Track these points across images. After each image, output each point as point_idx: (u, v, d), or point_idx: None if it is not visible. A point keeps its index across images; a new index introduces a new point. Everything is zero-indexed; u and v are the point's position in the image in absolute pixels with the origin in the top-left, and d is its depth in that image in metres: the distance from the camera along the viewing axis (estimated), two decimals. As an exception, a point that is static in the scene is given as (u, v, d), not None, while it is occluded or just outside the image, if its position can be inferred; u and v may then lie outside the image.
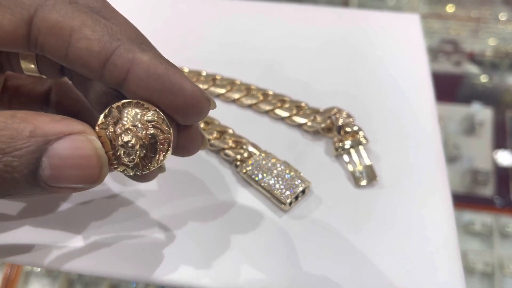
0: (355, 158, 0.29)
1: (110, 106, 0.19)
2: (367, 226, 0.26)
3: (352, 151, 0.29)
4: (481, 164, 0.61)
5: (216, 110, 0.24)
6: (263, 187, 0.27)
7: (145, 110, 0.19)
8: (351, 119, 0.30)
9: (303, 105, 0.32)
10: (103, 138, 0.19)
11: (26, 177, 0.17)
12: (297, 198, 0.27)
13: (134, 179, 0.22)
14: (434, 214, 0.26)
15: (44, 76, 0.22)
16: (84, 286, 0.49)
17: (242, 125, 0.31)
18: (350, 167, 0.29)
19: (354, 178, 0.28)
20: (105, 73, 0.18)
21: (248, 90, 0.33)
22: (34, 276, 0.50)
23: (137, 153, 0.19)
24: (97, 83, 0.21)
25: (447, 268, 0.24)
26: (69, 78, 0.23)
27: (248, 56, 0.37)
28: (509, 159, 0.62)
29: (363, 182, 0.28)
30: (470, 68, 0.71)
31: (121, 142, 0.19)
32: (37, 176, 0.17)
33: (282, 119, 0.32)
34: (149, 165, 0.19)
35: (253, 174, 0.27)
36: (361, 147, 0.29)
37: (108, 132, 0.19)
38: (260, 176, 0.27)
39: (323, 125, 0.30)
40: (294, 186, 0.26)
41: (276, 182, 0.27)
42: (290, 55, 0.37)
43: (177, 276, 0.24)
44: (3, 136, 0.16)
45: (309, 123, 0.31)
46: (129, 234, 0.25)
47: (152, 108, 0.19)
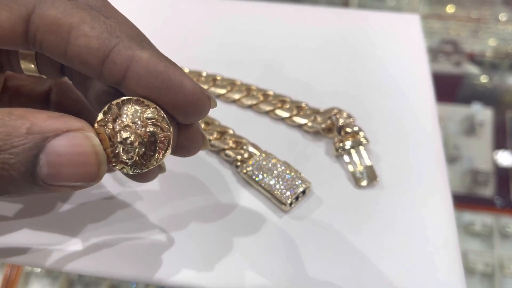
0: (356, 158, 0.29)
1: (110, 103, 0.18)
2: (368, 226, 0.26)
3: (352, 152, 0.29)
4: (481, 164, 0.61)
5: (216, 111, 0.23)
6: (264, 188, 0.27)
7: (144, 107, 0.18)
8: (352, 120, 0.30)
9: (304, 105, 0.32)
10: (102, 135, 0.18)
11: (24, 175, 0.16)
12: (297, 198, 0.27)
13: (134, 179, 0.22)
14: (435, 214, 0.26)
15: (44, 76, 0.22)
16: (84, 286, 0.49)
17: (242, 125, 0.31)
18: (351, 168, 0.29)
19: (355, 179, 0.28)
20: (104, 70, 0.18)
21: (248, 91, 0.33)
22: (34, 276, 0.50)
23: (136, 150, 0.18)
24: (96, 83, 0.21)
25: (448, 268, 0.24)
26: (69, 78, 0.23)
27: (248, 56, 0.37)
28: (509, 160, 0.61)
29: (364, 183, 0.28)
30: (470, 68, 0.71)
31: (119, 139, 0.18)
32: (34, 174, 0.16)
33: (282, 120, 0.32)
34: (148, 163, 0.19)
35: (253, 174, 0.27)
36: (361, 148, 0.29)
37: (107, 129, 0.18)
38: (260, 176, 0.27)
39: (324, 125, 0.30)
40: (295, 187, 0.26)
41: (276, 183, 0.27)
42: (290, 56, 0.37)
43: (177, 276, 0.24)
44: (0, 133, 0.16)
45: (309, 124, 0.31)
46: (129, 235, 0.25)
47: (152, 105, 0.18)
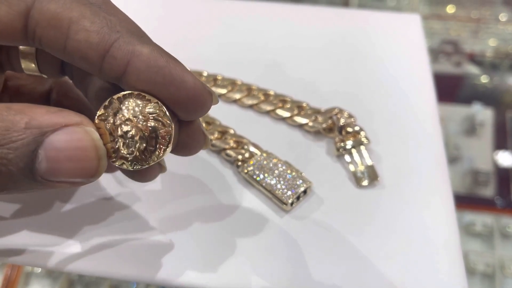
0: (357, 158, 0.29)
1: (111, 97, 0.18)
2: (369, 226, 0.26)
3: (353, 151, 0.29)
4: (481, 164, 0.61)
5: (217, 110, 0.23)
6: (265, 187, 0.27)
7: (146, 102, 0.18)
8: (353, 119, 0.30)
9: (304, 105, 0.32)
10: (102, 130, 0.18)
11: (23, 170, 0.16)
12: (298, 198, 0.26)
13: (134, 178, 0.21)
14: (436, 214, 0.26)
15: (44, 75, 0.22)
16: (84, 286, 0.49)
17: (243, 125, 0.31)
18: (352, 167, 0.29)
19: (356, 178, 0.28)
20: (104, 66, 0.18)
21: (249, 91, 0.33)
22: (34, 277, 0.50)
23: (136, 145, 0.18)
24: (96, 81, 0.21)
25: (449, 269, 0.24)
26: (69, 77, 0.23)
27: (249, 56, 0.37)
28: (509, 160, 0.61)
29: (365, 182, 0.28)
30: (471, 68, 0.71)
31: (120, 133, 0.18)
32: (33, 169, 0.16)
33: (283, 119, 0.32)
34: (149, 159, 0.19)
35: (254, 174, 0.27)
36: (362, 147, 0.29)
37: (107, 124, 0.18)
38: (261, 176, 0.27)
39: (325, 125, 0.30)
40: (296, 186, 0.26)
41: (277, 182, 0.27)
42: (291, 55, 0.37)
43: (177, 276, 0.24)
44: None
45: (310, 123, 0.31)
46: (129, 235, 0.25)
47: (153, 100, 0.18)
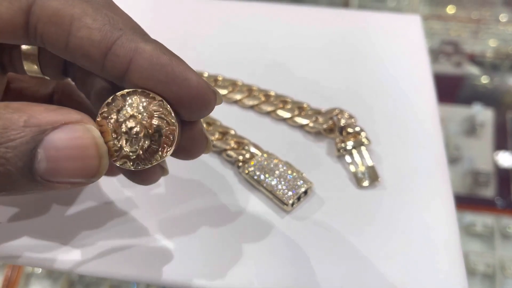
0: (357, 158, 0.29)
1: (114, 95, 0.18)
2: (369, 227, 0.26)
3: (354, 152, 0.29)
4: (482, 165, 0.61)
5: (218, 111, 0.23)
6: (265, 188, 0.27)
7: (150, 100, 0.18)
8: (353, 120, 0.30)
9: (305, 106, 0.32)
10: (104, 127, 0.18)
11: (21, 170, 0.16)
12: (299, 199, 0.26)
13: (135, 181, 0.21)
14: (436, 215, 0.26)
15: (46, 77, 0.22)
16: (85, 287, 0.49)
17: (244, 126, 0.31)
18: (352, 168, 0.29)
19: (356, 179, 0.28)
20: (106, 64, 0.17)
21: (249, 91, 0.33)
22: (35, 278, 0.50)
23: (140, 143, 0.18)
24: (98, 82, 0.21)
25: (450, 269, 0.24)
26: (71, 79, 0.23)
27: (249, 57, 0.37)
28: (510, 160, 0.61)
29: (365, 183, 0.28)
30: (471, 69, 0.71)
31: (124, 129, 0.18)
32: (32, 169, 0.16)
33: (284, 120, 0.32)
34: (152, 159, 0.18)
35: (255, 175, 0.27)
36: (363, 148, 0.29)
37: (109, 122, 0.18)
38: (262, 176, 0.27)
39: (325, 126, 0.30)
40: (297, 187, 0.26)
41: (278, 183, 0.27)
42: (291, 56, 0.37)
43: (178, 276, 0.24)
44: None
45: (311, 124, 0.31)
46: (130, 235, 0.25)
47: (158, 98, 0.18)
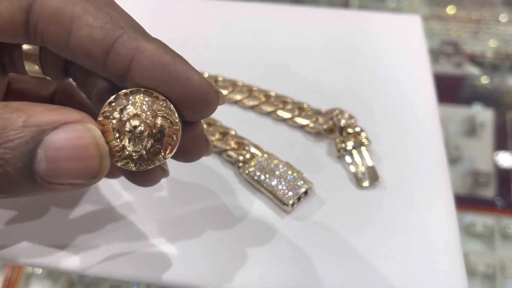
0: (357, 159, 0.29)
1: (117, 93, 0.18)
2: (369, 227, 0.26)
3: (354, 152, 0.29)
4: (482, 165, 0.61)
5: (218, 112, 0.23)
6: (266, 188, 0.27)
7: (154, 99, 0.18)
8: (353, 120, 0.30)
9: (305, 106, 0.32)
10: (106, 127, 0.17)
11: (21, 171, 0.15)
12: (299, 199, 0.26)
13: (136, 182, 0.21)
14: (436, 215, 0.26)
15: (48, 77, 0.22)
16: (85, 287, 0.49)
17: (244, 126, 0.31)
18: (352, 168, 0.29)
19: (357, 179, 0.28)
20: (108, 62, 0.17)
21: (250, 92, 0.33)
22: (35, 278, 0.50)
23: (143, 142, 0.17)
24: (99, 82, 0.20)
25: (450, 269, 0.24)
26: (73, 79, 0.23)
27: (249, 57, 0.37)
28: (510, 161, 0.61)
29: (366, 183, 0.28)
30: (471, 69, 0.71)
31: (128, 128, 0.17)
32: (32, 170, 0.16)
33: (284, 120, 0.32)
34: (154, 159, 0.18)
35: (255, 175, 0.27)
36: (363, 148, 0.29)
37: (111, 121, 0.17)
38: (262, 177, 0.27)
39: (325, 126, 0.30)
40: (297, 187, 0.26)
41: (278, 183, 0.27)
42: (291, 56, 0.37)
43: (178, 276, 0.24)
44: None
45: (311, 124, 0.31)
46: (130, 236, 0.25)
47: (161, 97, 0.18)
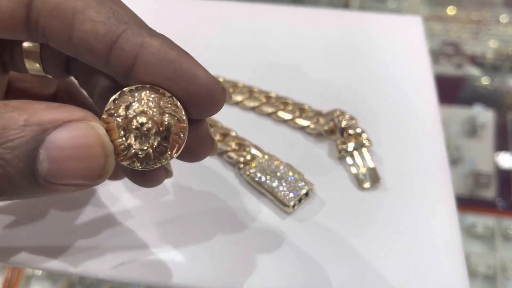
0: (358, 160, 0.29)
1: (121, 90, 0.17)
2: (371, 228, 0.26)
3: (355, 154, 0.29)
4: (483, 166, 0.61)
5: (219, 112, 0.23)
6: (267, 190, 0.27)
7: (160, 95, 0.17)
8: (354, 121, 0.30)
9: (306, 107, 0.32)
10: (110, 125, 0.17)
11: (22, 171, 0.15)
12: (300, 200, 0.26)
13: (139, 183, 0.20)
14: (438, 216, 0.26)
15: (49, 75, 0.21)
16: (85, 289, 0.49)
17: (245, 127, 0.31)
18: (354, 170, 0.28)
19: (358, 181, 0.28)
20: (111, 58, 0.17)
21: (250, 93, 0.33)
22: (35, 279, 0.50)
23: (150, 140, 0.17)
24: (102, 81, 0.20)
25: (451, 270, 0.24)
26: (74, 77, 0.22)
27: (250, 58, 0.36)
28: (510, 161, 0.61)
29: (367, 185, 0.28)
30: (471, 70, 0.71)
31: (135, 125, 0.17)
32: (34, 170, 0.15)
33: (284, 122, 0.32)
34: (161, 158, 0.17)
35: (256, 176, 0.27)
36: (364, 149, 0.29)
37: (116, 119, 0.17)
38: (263, 178, 0.27)
39: (326, 127, 0.30)
40: (298, 189, 0.26)
41: (279, 185, 0.26)
42: (292, 57, 0.37)
43: (178, 278, 0.23)
44: None
45: (312, 126, 0.31)
46: (130, 236, 0.25)
47: (167, 94, 0.17)
